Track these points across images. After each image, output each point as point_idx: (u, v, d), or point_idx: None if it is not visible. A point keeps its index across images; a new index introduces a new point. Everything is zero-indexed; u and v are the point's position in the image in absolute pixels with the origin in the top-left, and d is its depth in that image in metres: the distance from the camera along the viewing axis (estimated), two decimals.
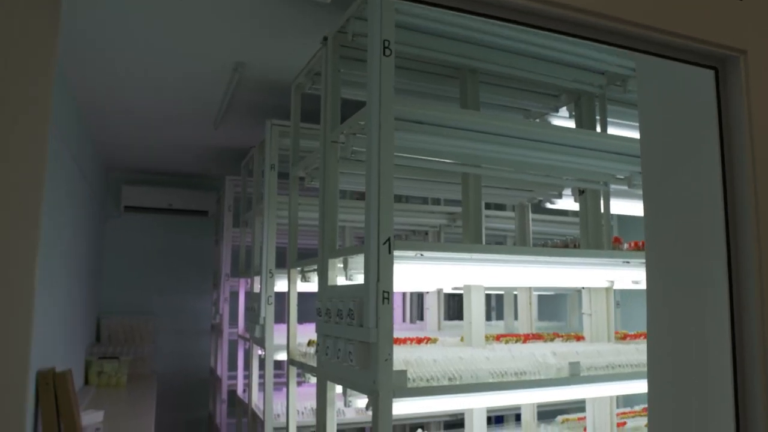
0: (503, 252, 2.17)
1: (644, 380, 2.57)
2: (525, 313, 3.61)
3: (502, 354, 2.22)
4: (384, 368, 1.84)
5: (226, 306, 5.41)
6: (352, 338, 1.97)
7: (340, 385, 2.17)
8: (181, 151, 5.79)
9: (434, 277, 2.53)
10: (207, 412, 6.36)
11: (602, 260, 2.52)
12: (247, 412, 4.20)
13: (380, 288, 1.87)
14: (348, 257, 2.23)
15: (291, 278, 2.95)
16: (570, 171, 2.81)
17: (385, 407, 1.84)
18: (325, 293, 2.31)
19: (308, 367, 2.64)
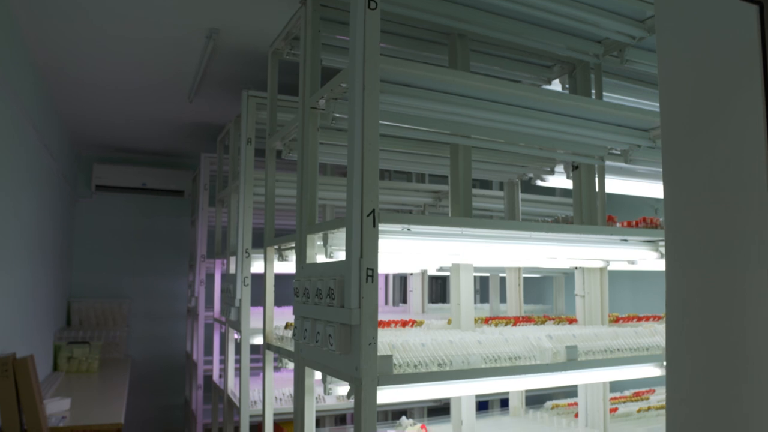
0: (496, 227, 2.00)
1: (642, 365, 2.44)
2: (514, 295, 3.46)
3: (495, 337, 2.06)
4: (367, 353, 1.67)
5: (202, 288, 5.20)
6: (332, 320, 1.79)
7: (320, 372, 2.00)
8: (155, 127, 5.54)
9: (421, 255, 2.35)
10: (183, 398, 6.17)
11: (600, 237, 2.36)
12: (224, 398, 4.02)
13: (363, 265, 1.69)
14: (328, 232, 2.05)
15: (267, 257, 2.76)
16: (565, 144, 2.64)
17: (368, 396, 1.67)
18: (303, 272, 2.12)
19: (285, 351, 2.47)
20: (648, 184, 3.52)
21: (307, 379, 2.14)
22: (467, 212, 2.39)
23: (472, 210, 2.45)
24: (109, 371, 5.15)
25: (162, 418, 6.45)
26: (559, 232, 2.17)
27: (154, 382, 6.44)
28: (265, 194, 2.82)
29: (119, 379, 4.82)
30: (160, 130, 5.62)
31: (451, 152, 2.55)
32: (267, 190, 2.82)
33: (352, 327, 1.72)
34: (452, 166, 2.52)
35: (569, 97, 2.27)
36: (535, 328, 2.61)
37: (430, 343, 1.92)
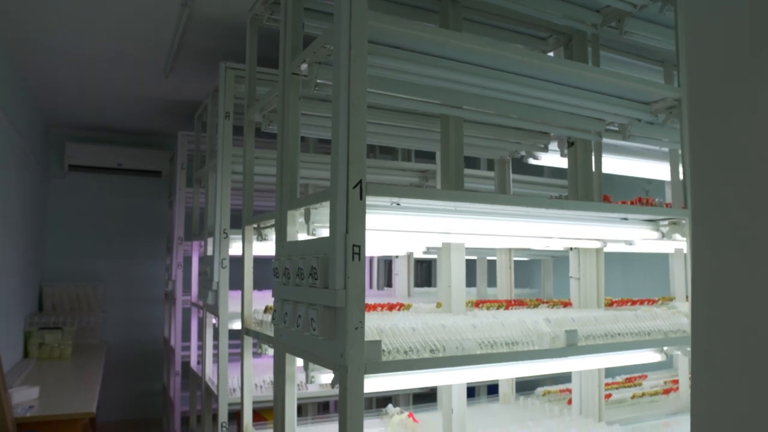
0: (493, 201, 1.85)
1: (643, 350, 2.32)
2: (504, 278, 3.32)
3: (490, 321, 1.92)
4: (354, 338, 1.52)
5: (179, 272, 5.01)
6: (315, 303, 1.63)
7: (301, 359, 1.84)
8: (130, 104, 5.31)
9: (409, 233, 2.19)
10: (161, 385, 6.00)
11: (601, 215, 2.22)
12: (201, 385, 3.86)
13: (349, 241, 1.54)
14: (310, 208, 1.88)
15: (246, 237, 2.59)
16: (562, 117, 2.49)
17: (354, 385, 1.52)
18: (283, 250, 1.96)
19: (264, 337, 2.31)
20: (643, 162, 3.39)
21: (287, 367, 1.99)
22: (458, 188, 2.24)
23: (463, 187, 2.30)
24: (82, 358, 4.96)
25: (139, 405, 6.27)
26: (559, 208, 2.03)
27: (131, 368, 6.25)
28: (244, 170, 2.65)
29: (93, 366, 4.64)
30: (136, 107, 5.39)
31: (442, 124, 2.39)
32: (245, 166, 2.65)
33: (337, 310, 1.57)
34: (443, 138, 2.37)
35: (568, 63, 2.12)
36: (529, 311, 2.48)
37: (421, 328, 1.77)
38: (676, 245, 3.19)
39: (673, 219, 2.40)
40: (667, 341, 2.23)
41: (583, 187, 2.81)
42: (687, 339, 2.27)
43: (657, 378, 3.60)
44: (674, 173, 3.35)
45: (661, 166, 3.48)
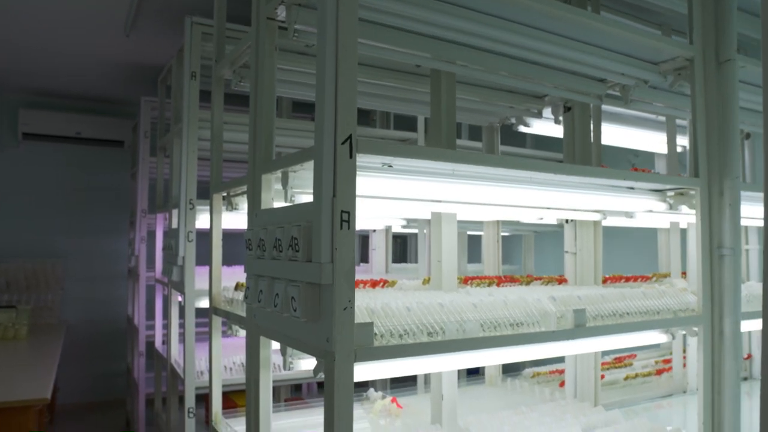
0: (503, 165, 1.63)
1: (651, 331, 2.15)
2: (491, 253, 3.13)
3: (491, 300, 1.71)
4: (342, 320, 1.29)
5: (142, 247, 4.72)
6: (295, 279, 1.40)
7: (278, 342, 1.61)
8: (89, 67, 4.95)
9: (397, 203, 1.96)
10: (125, 365, 5.71)
11: (610, 182, 2.02)
12: (167, 367, 3.61)
13: (337, 207, 1.30)
14: (289, 170, 1.64)
15: (214, 205, 2.34)
16: (561, 76, 2.27)
17: (343, 375, 1.30)
18: (257, 219, 1.72)
19: (235, 317, 2.07)
20: (635, 132, 3.21)
21: (262, 351, 1.75)
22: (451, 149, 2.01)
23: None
24: (39, 338, 4.65)
25: (101, 387, 5.99)
26: (570, 174, 1.81)
27: (93, 348, 5.95)
28: (212, 131, 2.38)
29: (50, 347, 4.33)
30: (95, 70, 5.02)
31: (432, 80, 2.16)
32: (214, 127, 2.39)
33: (323, 287, 1.34)
34: (433, 96, 2.14)
35: (572, 10, 1.88)
36: (525, 289, 2.28)
37: (416, 307, 1.55)
38: (673, 218, 3.03)
39: (683, 189, 2.22)
40: (679, 321, 2.06)
41: (580, 156, 2.62)
42: (698, 318, 2.10)
43: (646, 358, 3.46)
44: (671, 144, 3.18)
45: (654, 136, 3.30)
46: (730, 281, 2.12)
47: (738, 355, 2.11)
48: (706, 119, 2.19)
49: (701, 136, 2.18)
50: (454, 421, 2.15)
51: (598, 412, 2.37)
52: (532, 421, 2.21)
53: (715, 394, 2.13)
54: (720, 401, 2.12)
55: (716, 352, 2.13)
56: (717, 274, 2.14)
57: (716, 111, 2.18)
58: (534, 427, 2.13)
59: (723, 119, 2.17)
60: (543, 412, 2.33)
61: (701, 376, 2.12)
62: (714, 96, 2.19)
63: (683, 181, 2.15)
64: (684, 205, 2.27)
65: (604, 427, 2.22)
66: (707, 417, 2.12)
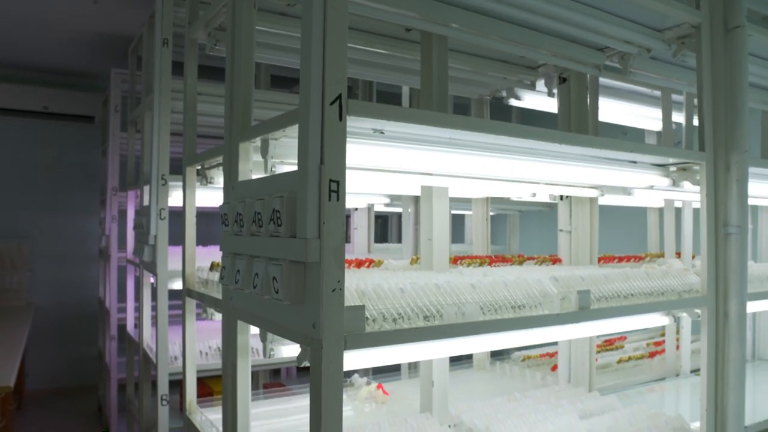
0: (504, 132, 1.48)
1: (653, 313, 2.04)
2: (480, 231, 3.01)
3: (490, 281, 1.58)
4: (331, 303, 1.14)
5: (113, 226, 4.51)
6: (277, 257, 1.25)
7: (257, 328, 1.47)
8: (56, 37, 4.68)
9: (385, 176, 1.81)
10: (97, 350, 5.52)
11: (617, 155, 1.88)
12: (139, 351, 3.44)
13: (326, 175, 1.15)
14: (269, 137, 1.48)
15: (187, 179, 2.17)
16: (558, 44, 2.13)
17: (332, 364, 1.15)
18: (234, 192, 1.56)
19: (210, 299, 1.91)
20: (627, 107, 3.09)
21: (239, 336, 1.60)
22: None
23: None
24: (4, 321, 4.44)
25: (73, 372, 5.78)
26: (580, 145, 1.66)
27: (64, 332, 5.74)
28: (185, 99, 2.20)
29: (16, 331, 4.14)
30: (62, 40, 4.76)
31: (423, 45, 2.00)
32: (187, 95, 2.21)
33: (308, 266, 1.19)
34: (423, 60, 1.98)
35: None
36: (521, 269, 2.16)
37: (410, 288, 1.41)
38: (668, 196, 2.92)
39: (686, 164, 2.10)
40: (684, 302, 1.95)
41: (576, 130, 2.48)
42: (702, 299, 2.00)
43: (637, 340, 3.38)
44: (666, 120, 3.06)
45: (647, 111, 3.19)
46: (736, 261, 2.01)
47: (743, 338, 2.01)
48: (713, 90, 2.07)
49: (707, 108, 2.06)
50: (445, 409, 2.02)
51: (594, 397, 2.26)
52: (526, 408, 2.10)
53: (718, 378, 2.04)
54: (724, 386, 2.02)
55: (720, 335, 2.03)
56: (722, 254, 2.04)
57: (724, 81, 2.06)
58: (529, 414, 2.01)
59: (731, 89, 2.05)
60: (537, 399, 2.22)
61: (705, 361, 2.02)
62: (721, 65, 2.06)
63: (689, 154, 2.02)
64: (687, 181, 2.15)
65: (601, 414, 2.12)
66: (710, 403, 2.02)
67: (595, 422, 1.99)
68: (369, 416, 2.22)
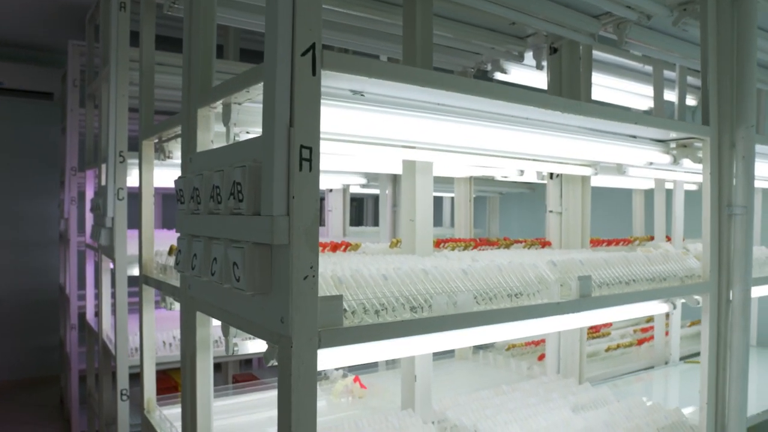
0: (502, 96, 1.30)
1: (653, 300, 1.89)
2: (463, 214, 2.84)
3: (482, 266, 1.40)
4: (302, 293, 0.96)
5: (73, 208, 4.24)
6: (238, 238, 1.06)
7: (219, 321, 1.28)
8: (9, 7, 4.37)
9: (363, 149, 1.62)
10: (58, 339, 5.26)
11: (614, 127, 1.71)
12: (99, 341, 3.22)
13: (296, 140, 0.96)
14: (232, 100, 1.28)
15: (144, 154, 1.96)
16: (550, 8, 1.96)
17: (303, 365, 0.97)
18: (192, 165, 1.36)
19: (168, 287, 1.71)
20: (617, 82, 2.94)
21: (199, 329, 1.41)
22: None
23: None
24: None
25: (34, 362, 5.51)
26: (584, 114, 1.48)
27: (24, 321, 5.46)
28: (141, 63, 1.99)
29: None
30: (16, 10, 4.45)
31: (405, 7, 1.81)
32: (144, 60, 1.99)
33: (275, 249, 1.00)
34: (406, 26, 1.79)
35: None
36: (511, 253, 1.99)
37: (394, 275, 1.23)
38: (659, 175, 2.77)
39: (687, 140, 1.95)
40: (688, 288, 1.81)
41: None
42: (705, 285, 1.85)
43: (623, 327, 3.26)
44: (658, 96, 2.92)
45: (637, 88, 3.04)
46: (741, 244, 1.87)
47: (747, 326, 1.88)
48: (718, 60, 1.92)
49: (712, 79, 1.91)
50: (429, 405, 1.86)
51: (586, 389, 2.12)
52: (516, 402, 1.94)
53: (720, 369, 1.90)
54: (726, 377, 1.89)
55: (723, 322, 1.90)
56: (726, 236, 1.90)
57: (730, 50, 1.91)
58: (519, 409, 1.86)
59: (737, 59, 1.90)
60: (526, 392, 2.07)
61: (706, 350, 1.88)
62: (728, 32, 1.91)
63: (692, 128, 1.87)
64: (687, 158, 2.00)
65: (595, 407, 1.97)
66: (711, 395, 1.89)
67: (591, 417, 1.85)
68: (346, 413, 2.05)
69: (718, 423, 1.91)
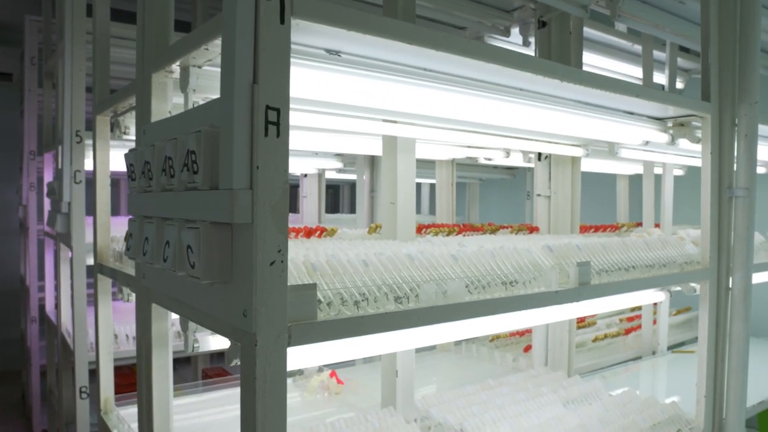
0: (503, 61, 1.15)
1: (652, 289, 1.77)
2: (445, 199, 2.70)
3: (474, 251, 1.26)
4: (268, 282, 0.81)
5: (32, 194, 4.02)
6: (192, 217, 0.90)
7: (175, 314, 1.12)
8: None
9: (340, 120, 1.46)
10: (19, 332, 5.02)
11: (612, 100, 1.58)
12: (58, 335, 3.02)
13: (261, 99, 0.81)
14: (190, 62, 1.12)
15: (98, 131, 1.78)
16: None
17: (270, 366, 0.82)
18: (145, 137, 1.19)
19: (124, 277, 1.55)
20: (602, 60, 2.82)
21: (155, 324, 1.25)
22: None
23: None
24: None
25: None
26: (589, 85, 1.35)
27: None
28: (94, 31, 1.81)
29: None
30: None
31: None
32: (97, 26, 1.80)
33: (236, 229, 0.85)
34: None
35: None
36: (500, 238, 1.86)
37: (375, 261, 1.08)
38: (648, 157, 2.66)
39: (685, 119, 1.83)
40: (689, 276, 1.69)
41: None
42: (706, 272, 1.74)
43: (608, 316, 3.16)
44: (647, 76, 2.80)
45: (625, 68, 2.92)
46: (742, 228, 1.76)
47: (748, 316, 1.77)
48: (720, 32, 1.79)
49: (714, 52, 1.78)
50: (411, 402, 1.72)
51: (577, 383, 2.00)
52: (504, 397, 1.81)
53: (719, 361, 1.80)
54: (724, 369, 1.79)
55: (722, 311, 1.79)
56: (726, 220, 1.78)
57: (732, 22, 1.79)
58: (508, 405, 1.73)
59: (741, 31, 1.78)
60: (514, 386, 1.94)
61: (705, 340, 1.78)
62: (731, 2, 1.79)
63: (692, 103, 1.74)
64: (685, 138, 1.88)
65: (587, 402, 1.85)
66: (710, 389, 1.78)
67: (584, 413, 1.73)
68: (321, 411, 1.90)
69: (716, 417, 1.80)
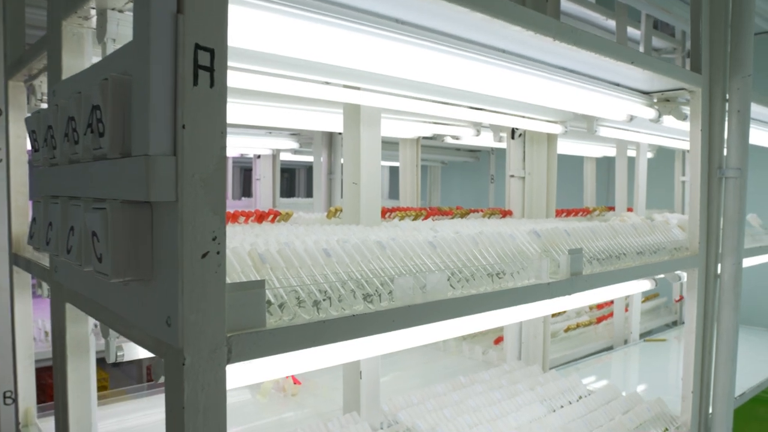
0: (492, 12, 0.96)
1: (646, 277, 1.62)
2: (410, 181, 2.52)
3: (452, 237, 1.08)
4: (200, 278, 0.61)
5: None
6: (98, 196, 0.69)
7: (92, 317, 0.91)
8: None
9: (293, 84, 1.25)
10: None
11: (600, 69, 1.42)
12: None
13: (187, 35, 0.60)
14: (108, 2, 0.89)
15: (10, 99, 1.53)
16: None
17: (204, 389, 0.62)
18: (54, 98, 0.96)
19: (39, 270, 1.31)
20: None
21: (70, 326, 1.03)
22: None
23: None
24: None
25: None
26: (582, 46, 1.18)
27: None
28: None
29: None
30: None
31: None
32: None
33: (157, 210, 0.64)
34: None
35: None
36: (475, 223, 1.68)
37: (339, 250, 0.89)
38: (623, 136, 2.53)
39: (671, 94, 1.68)
40: (680, 263, 1.55)
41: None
42: (695, 259, 1.60)
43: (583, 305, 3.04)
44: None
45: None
46: (733, 212, 1.63)
47: (737, 304, 1.65)
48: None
49: (705, 20, 1.64)
50: (377, 407, 1.54)
51: (554, 378, 1.86)
52: (478, 398, 1.65)
53: (706, 352, 1.67)
54: (711, 361, 1.66)
55: (710, 299, 1.66)
56: (716, 203, 1.65)
57: None
58: (483, 407, 1.57)
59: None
60: (488, 384, 1.79)
61: (692, 331, 1.65)
62: None
63: (680, 74, 1.59)
64: (671, 115, 1.74)
65: (568, 401, 1.71)
66: (696, 383, 1.66)
67: (566, 414, 1.58)
68: (276, 416, 1.70)
69: (702, 412, 1.68)
